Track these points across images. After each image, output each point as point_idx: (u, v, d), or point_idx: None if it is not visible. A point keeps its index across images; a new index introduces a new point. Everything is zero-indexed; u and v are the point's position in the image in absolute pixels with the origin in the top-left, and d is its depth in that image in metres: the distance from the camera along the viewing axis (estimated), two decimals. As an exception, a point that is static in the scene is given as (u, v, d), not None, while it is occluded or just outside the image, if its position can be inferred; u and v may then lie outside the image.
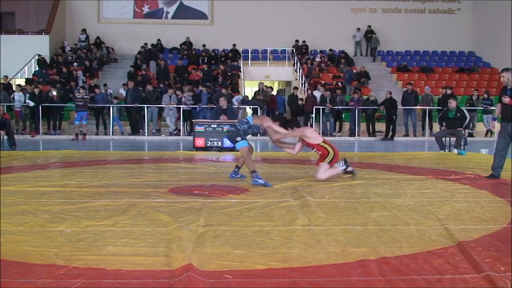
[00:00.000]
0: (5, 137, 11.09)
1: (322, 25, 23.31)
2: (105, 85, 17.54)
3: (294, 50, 22.42)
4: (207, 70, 19.39)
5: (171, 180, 6.68)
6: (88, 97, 15.31)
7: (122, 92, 17.03)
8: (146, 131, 16.01)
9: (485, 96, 17.27)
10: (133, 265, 3.20)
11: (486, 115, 16.95)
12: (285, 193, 5.73)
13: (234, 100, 15.76)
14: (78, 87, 16.02)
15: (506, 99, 6.75)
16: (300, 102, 16.44)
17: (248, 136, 6.81)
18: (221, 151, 11.02)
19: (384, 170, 7.91)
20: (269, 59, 22.50)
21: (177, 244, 3.58)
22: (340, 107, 16.60)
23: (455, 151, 10.48)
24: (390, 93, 15.61)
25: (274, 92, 18.53)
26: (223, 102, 11.68)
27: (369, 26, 23.14)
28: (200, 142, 11.30)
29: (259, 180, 6.24)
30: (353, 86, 19.01)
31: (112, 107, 15.95)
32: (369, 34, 23.06)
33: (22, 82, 18.77)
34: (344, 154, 10.64)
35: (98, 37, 22.62)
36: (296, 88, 17.58)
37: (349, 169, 6.80)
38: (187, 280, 2.87)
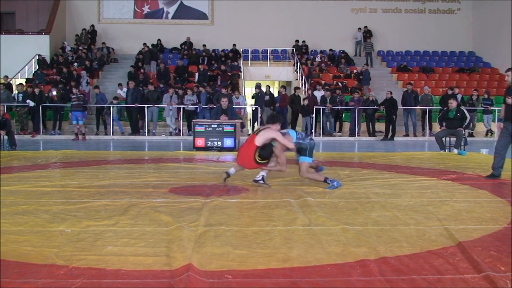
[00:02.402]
0: (5, 137, 11.10)
1: (322, 25, 23.32)
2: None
3: (294, 50, 22.42)
4: (202, 70, 19.40)
5: (171, 180, 6.68)
6: (82, 95, 15.23)
7: (120, 92, 16.99)
8: (146, 131, 16.03)
9: (485, 96, 17.29)
10: (133, 265, 3.20)
11: (486, 115, 16.97)
12: (285, 193, 5.73)
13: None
14: (73, 87, 15.93)
15: (510, 100, 6.75)
16: (305, 102, 16.31)
17: None
18: (221, 151, 11.02)
19: (384, 170, 7.90)
20: (269, 59, 22.51)
21: (178, 244, 3.59)
22: (340, 107, 16.60)
23: (455, 151, 10.48)
24: (391, 93, 15.61)
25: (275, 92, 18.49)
26: (225, 103, 11.68)
27: (366, 27, 23.13)
28: (200, 142, 11.30)
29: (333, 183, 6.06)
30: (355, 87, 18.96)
31: (112, 107, 15.96)
32: (366, 34, 23.07)
33: (22, 82, 18.78)
34: (344, 154, 10.70)
35: (90, 25, 22.51)
36: (298, 88, 17.58)
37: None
38: (187, 280, 2.87)
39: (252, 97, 17.11)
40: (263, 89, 17.08)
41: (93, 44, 22.29)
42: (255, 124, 16.19)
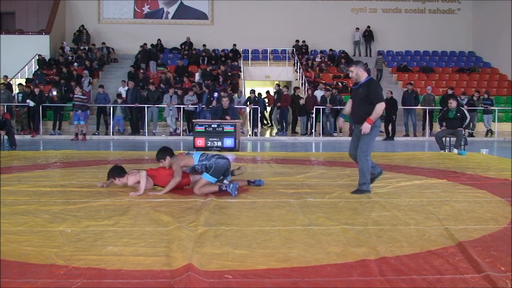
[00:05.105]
0: (5, 137, 11.10)
1: (322, 25, 23.33)
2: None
3: (294, 50, 22.42)
4: (202, 70, 19.39)
5: (171, 180, 6.66)
6: (84, 97, 15.19)
7: (121, 90, 16.98)
8: (146, 131, 16.03)
9: (485, 96, 17.29)
10: (133, 265, 3.20)
11: (486, 115, 16.98)
12: (285, 193, 5.73)
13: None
14: (75, 87, 15.88)
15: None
16: (301, 101, 16.39)
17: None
18: (221, 151, 11.01)
19: (384, 170, 7.88)
20: (269, 59, 22.52)
21: (177, 244, 3.59)
22: (340, 107, 16.59)
23: (455, 151, 10.48)
24: (391, 93, 15.61)
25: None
26: (225, 102, 11.68)
27: (368, 27, 23.16)
28: (200, 142, 11.30)
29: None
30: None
31: (115, 107, 15.96)
32: (367, 33, 23.08)
33: (22, 82, 18.78)
34: (344, 154, 10.67)
35: (81, 26, 22.52)
36: (297, 88, 17.60)
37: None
38: (187, 280, 2.87)
39: (247, 101, 17.00)
40: (275, 90, 17.24)
41: (87, 44, 22.26)
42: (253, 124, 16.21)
